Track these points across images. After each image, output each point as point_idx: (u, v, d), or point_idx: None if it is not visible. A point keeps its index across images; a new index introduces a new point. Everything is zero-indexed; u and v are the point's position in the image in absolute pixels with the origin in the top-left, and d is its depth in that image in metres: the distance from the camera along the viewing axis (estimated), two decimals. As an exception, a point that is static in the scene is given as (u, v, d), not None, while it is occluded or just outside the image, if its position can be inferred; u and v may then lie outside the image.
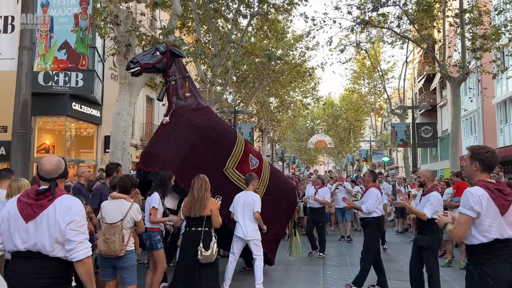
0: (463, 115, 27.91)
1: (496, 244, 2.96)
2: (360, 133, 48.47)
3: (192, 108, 6.75)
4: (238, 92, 25.43)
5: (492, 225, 2.97)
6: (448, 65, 15.78)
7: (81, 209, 2.80)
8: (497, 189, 3.04)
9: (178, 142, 6.30)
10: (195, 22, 15.28)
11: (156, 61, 6.54)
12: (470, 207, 2.98)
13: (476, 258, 3.05)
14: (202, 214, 4.92)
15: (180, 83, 6.77)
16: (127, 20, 9.44)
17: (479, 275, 2.98)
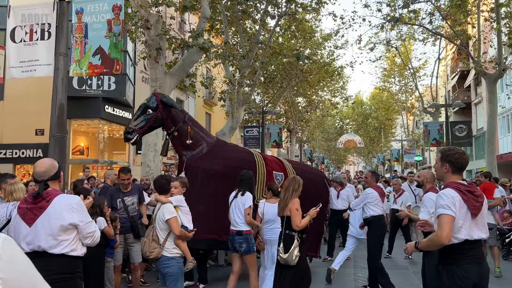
0: (500, 112, 26.93)
1: (466, 245, 3.02)
2: (391, 132, 47.53)
3: (204, 154, 6.46)
4: (266, 93, 25.44)
5: (463, 226, 3.01)
6: (483, 61, 15.25)
7: (80, 204, 2.95)
8: (468, 191, 3.07)
9: (203, 198, 6.15)
10: (223, 24, 15.40)
11: (151, 120, 6.18)
12: (448, 206, 2.99)
13: (445, 258, 3.11)
14: (283, 214, 4.76)
15: (182, 131, 6.38)
16: (157, 24, 9.63)
17: (447, 274, 3.05)
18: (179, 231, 4.38)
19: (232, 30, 17.27)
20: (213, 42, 15.95)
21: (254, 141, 20.68)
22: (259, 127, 20.63)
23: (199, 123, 7.17)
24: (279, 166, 7.24)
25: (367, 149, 48.53)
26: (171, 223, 4.37)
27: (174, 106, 6.42)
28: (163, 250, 4.38)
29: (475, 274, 3.02)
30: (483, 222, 3.16)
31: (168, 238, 4.39)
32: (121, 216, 5.65)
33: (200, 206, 5.92)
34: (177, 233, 4.36)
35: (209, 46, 9.88)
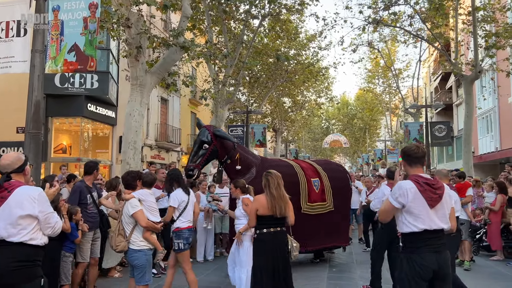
0: (479, 113, 27.50)
1: (425, 234, 3.21)
2: (376, 132, 48.13)
3: (254, 176, 6.90)
4: (251, 93, 25.59)
5: (419, 216, 3.21)
6: (460, 63, 15.61)
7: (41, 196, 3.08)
8: (426, 183, 3.26)
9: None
10: (206, 23, 15.49)
11: (206, 154, 6.66)
12: (395, 198, 3.27)
13: (407, 246, 3.30)
14: (285, 213, 4.52)
15: (233, 158, 6.87)
16: (138, 23, 9.68)
17: (407, 262, 3.24)
18: (145, 222, 4.48)
19: (217, 30, 17.38)
20: (197, 41, 16.09)
21: (238, 140, 20.67)
22: (243, 127, 20.76)
23: (245, 147, 7.82)
24: (314, 172, 7.77)
25: (353, 149, 49.05)
26: (136, 216, 4.48)
27: (226, 137, 6.93)
28: (130, 244, 4.49)
29: (433, 262, 3.18)
30: (444, 213, 3.31)
31: (134, 232, 4.50)
32: (92, 212, 5.69)
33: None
34: (144, 225, 4.47)
35: (190, 45, 9.95)
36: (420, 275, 3.19)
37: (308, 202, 7.32)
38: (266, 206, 4.43)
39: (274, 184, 4.49)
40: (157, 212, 4.82)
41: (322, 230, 7.52)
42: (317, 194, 7.48)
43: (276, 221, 4.49)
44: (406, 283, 3.22)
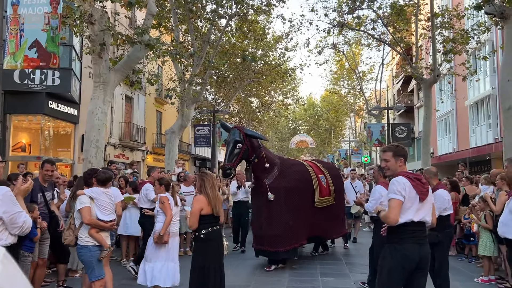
0: (438, 116, 28.63)
1: (411, 226, 3.34)
2: (341, 133, 49.09)
3: (279, 174, 7.32)
4: (218, 92, 25.58)
5: (410, 208, 3.35)
6: (420, 67, 16.22)
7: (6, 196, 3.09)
8: (416, 178, 3.46)
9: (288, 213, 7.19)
10: (173, 22, 15.40)
11: (240, 154, 6.94)
12: (398, 192, 3.35)
13: (391, 237, 3.43)
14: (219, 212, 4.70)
15: (260, 157, 7.19)
16: (101, 19, 9.53)
17: (391, 252, 3.37)
18: (88, 219, 4.51)
19: (183, 28, 17.29)
20: (164, 39, 15.96)
21: (204, 140, 20.75)
22: (210, 126, 20.73)
23: (265, 147, 7.97)
24: (319, 170, 8.33)
25: (318, 150, 49.80)
26: (81, 212, 4.55)
27: (256, 136, 7.31)
28: (77, 239, 4.56)
29: (416, 254, 3.31)
30: (429, 207, 3.50)
31: (81, 228, 4.55)
32: (42, 212, 5.51)
33: (290, 221, 7.11)
34: (86, 222, 4.52)
35: (154, 43, 9.88)
36: (403, 266, 3.30)
37: (320, 196, 7.87)
38: (208, 205, 4.51)
39: (210, 184, 4.59)
40: (109, 210, 4.81)
41: (327, 220, 8.13)
42: (325, 189, 8.06)
43: (216, 219, 4.62)
44: (386, 272, 3.35)
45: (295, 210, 7.23)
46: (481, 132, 22.44)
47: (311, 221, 7.68)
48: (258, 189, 7.32)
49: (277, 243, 6.99)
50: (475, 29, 14.77)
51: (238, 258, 8.60)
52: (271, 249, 7.02)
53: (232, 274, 6.71)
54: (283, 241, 7.02)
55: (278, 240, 6.99)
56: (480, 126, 22.67)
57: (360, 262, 8.09)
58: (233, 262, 8.12)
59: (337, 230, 8.68)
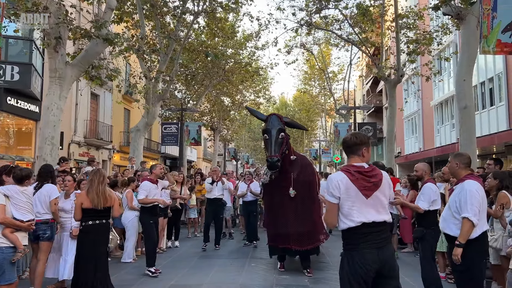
0: (406, 116, 29.22)
1: (363, 228, 2.91)
2: (313, 133, 49.51)
3: (301, 168, 6.90)
4: (188, 90, 25.30)
5: (352, 208, 2.92)
6: (385, 67, 16.46)
7: None
8: (358, 172, 2.99)
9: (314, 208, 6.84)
10: (139, 17, 15.08)
11: (284, 144, 6.41)
12: (330, 193, 2.99)
13: (346, 243, 3.01)
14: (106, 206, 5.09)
15: (289, 149, 6.74)
16: (57, 12, 9.22)
17: (347, 261, 2.94)
18: (1, 218, 4.30)
19: (151, 25, 16.98)
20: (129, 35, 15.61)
21: (172, 138, 20.47)
22: (177, 124, 20.45)
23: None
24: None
25: (291, 149, 50.01)
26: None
27: (295, 125, 7.09)
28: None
29: (375, 260, 2.88)
30: (381, 203, 3.00)
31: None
32: None
33: (316, 216, 6.77)
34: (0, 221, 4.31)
35: (113, 38, 9.64)
36: (361, 275, 2.87)
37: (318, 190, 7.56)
38: (87, 200, 4.95)
39: (99, 179, 5.04)
40: (27, 210, 4.65)
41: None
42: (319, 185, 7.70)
43: (98, 213, 5.00)
44: (347, 283, 2.92)
45: (317, 204, 6.83)
46: (445, 132, 23.02)
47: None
48: (280, 183, 6.75)
49: (304, 241, 6.62)
50: (437, 31, 15.08)
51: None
52: (298, 247, 6.62)
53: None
54: (310, 239, 6.67)
55: (305, 238, 6.62)
56: (444, 126, 23.25)
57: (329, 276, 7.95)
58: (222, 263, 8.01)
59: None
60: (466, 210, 3.91)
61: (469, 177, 4.11)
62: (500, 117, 17.57)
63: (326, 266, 7.60)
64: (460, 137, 9.30)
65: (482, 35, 6.07)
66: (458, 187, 4.14)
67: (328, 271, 7.20)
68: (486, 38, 6.03)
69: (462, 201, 3.98)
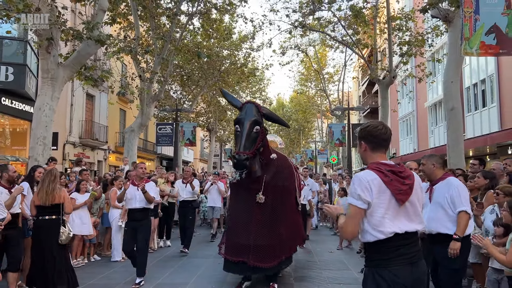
0: (400, 117, 29.38)
1: (395, 240, 2.41)
2: (310, 134, 49.63)
3: (276, 170, 5.82)
4: (183, 90, 25.38)
5: (385, 217, 2.42)
6: (377, 69, 16.58)
7: None
8: (392, 171, 2.47)
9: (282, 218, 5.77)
10: (133, 19, 15.17)
11: (259, 140, 5.16)
12: (357, 196, 2.42)
13: (372, 259, 2.50)
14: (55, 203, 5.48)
15: (265, 146, 5.63)
16: (50, 14, 9.29)
17: (374, 279, 2.44)
18: None
19: (146, 26, 17.07)
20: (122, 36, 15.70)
21: (167, 139, 20.56)
22: (172, 125, 20.53)
23: None
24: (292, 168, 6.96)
25: (288, 150, 50.15)
26: None
27: (279, 119, 5.82)
28: None
29: (408, 277, 2.41)
30: (415, 210, 2.52)
31: None
32: None
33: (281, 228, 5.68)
34: None
35: (105, 39, 9.72)
36: None
37: (298, 197, 6.63)
38: (37, 198, 5.38)
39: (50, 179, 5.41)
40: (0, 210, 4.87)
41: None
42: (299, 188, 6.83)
43: (46, 209, 5.35)
44: None
45: (288, 214, 5.86)
46: (439, 132, 23.15)
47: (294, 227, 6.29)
48: (249, 185, 5.58)
49: (266, 257, 5.46)
50: (429, 32, 15.21)
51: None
52: (259, 264, 5.39)
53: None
54: (273, 255, 5.53)
55: (268, 254, 5.47)
56: (438, 127, 23.38)
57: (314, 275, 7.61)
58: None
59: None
60: (461, 204, 3.94)
61: (450, 175, 4.19)
62: (492, 118, 17.71)
63: (313, 265, 7.69)
64: (447, 138, 9.41)
65: (464, 37, 6.18)
66: (441, 185, 4.19)
67: (314, 270, 7.29)
68: (468, 40, 6.12)
69: (455, 196, 4.00)
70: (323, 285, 6.27)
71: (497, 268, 4.28)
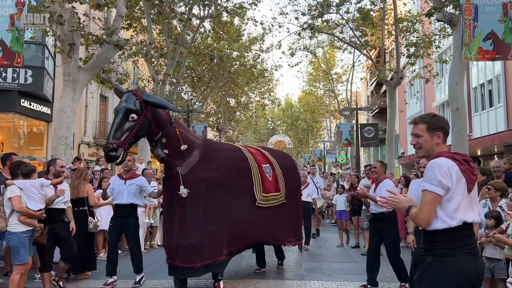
0: (409, 117, 29.55)
1: (462, 229, 2.40)
2: (319, 134, 49.96)
3: (199, 160, 5.27)
4: (194, 92, 25.89)
5: (460, 204, 2.41)
6: (385, 70, 16.90)
7: None
8: (465, 160, 2.49)
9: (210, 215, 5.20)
10: (146, 23, 15.67)
11: (135, 128, 4.72)
12: (438, 181, 2.38)
13: (436, 247, 2.44)
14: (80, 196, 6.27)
15: (171, 136, 5.02)
16: (71, 20, 9.80)
17: (439, 269, 2.40)
18: (18, 207, 4.98)
19: (158, 29, 17.58)
20: (138, 39, 16.21)
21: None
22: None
23: (182, 124, 5.98)
24: (263, 158, 6.47)
25: (296, 150, 50.51)
26: (12, 201, 5.01)
27: (162, 104, 4.93)
28: (7, 225, 5.01)
29: (473, 269, 2.38)
30: (476, 200, 2.62)
31: (12, 215, 5.01)
32: None
33: (211, 226, 5.13)
34: (17, 209, 4.98)
35: (123, 44, 10.20)
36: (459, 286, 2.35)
37: (263, 192, 6.01)
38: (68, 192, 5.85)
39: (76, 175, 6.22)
40: (38, 200, 5.25)
41: (276, 225, 6.29)
42: (270, 183, 6.22)
43: (75, 202, 5.95)
44: None
45: (222, 211, 5.33)
46: (447, 132, 23.33)
47: (250, 225, 5.76)
48: (169, 181, 5.22)
49: (192, 256, 5.01)
50: (436, 34, 15.50)
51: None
52: (184, 264, 5.02)
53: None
54: (201, 253, 5.03)
55: (193, 253, 5.01)
56: (446, 127, 23.56)
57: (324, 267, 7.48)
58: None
59: (290, 236, 6.75)
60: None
61: None
62: (498, 118, 17.93)
63: (323, 258, 8.09)
64: (452, 138, 9.74)
65: (464, 43, 6.55)
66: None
67: (324, 262, 7.70)
68: (467, 46, 6.50)
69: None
70: (332, 275, 6.66)
71: (490, 257, 4.66)
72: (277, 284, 6.16)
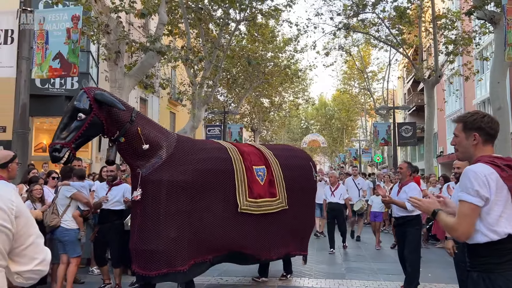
0: (448, 115, 28.89)
1: (507, 243, 2.20)
2: (354, 133, 49.46)
3: (164, 160, 4.88)
4: (229, 93, 26.35)
5: (502, 216, 2.20)
6: (422, 68, 16.68)
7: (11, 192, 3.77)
8: (508, 166, 2.26)
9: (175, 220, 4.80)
10: (185, 28, 16.19)
11: (82, 127, 4.45)
12: (475, 191, 2.19)
13: (481, 262, 2.27)
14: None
15: (131, 135, 4.70)
16: (117, 29, 10.35)
17: (486, 286, 2.22)
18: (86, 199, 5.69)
19: (195, 32, 18.10)
20: (176, 43, 16.79)
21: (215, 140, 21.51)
22: (220, 126, 21.49)
23: (152, 120, 5.57)
24: (259, 158, 5.85)
25: (331, 149, 50.22)
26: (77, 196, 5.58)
27: (113, 103, 4.56)
28: (61, 222, 5.47)
29: None
30: None
31: (66, 212, 5.53)
32: None
33: (172, 232, 4.74)
34: (85, 201, 5.66)
35: (165, 50, 10.67)
36: None
37: (250, 197, 5.44)
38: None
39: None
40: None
41: (272, 235, 5.66)
42: (262, 187, 5.61)
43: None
44: None
45: (188, 216, 4.89)
46: (488, 130, 22.67)
47: (226, 233, 5.21)
48: (134, 183, 4.91)
49: (148, 263, 4.70)
50: (476, 31, 15.17)
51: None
52: (140, 271, 4.74)
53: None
54: (157, 261, 4.70)
55: (150, 259, 4.70)
56: (487, 125, 22.89)
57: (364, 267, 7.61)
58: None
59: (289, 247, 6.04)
60: None
61: None
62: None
63: (362, 258, 8.21)
64: (494, 137, 9.59)
65: (507, 44, 6.49)
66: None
67: (362, 262, 7.82)
68: (511, 46, 6.45)
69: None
70: (373, 275, 6.79)
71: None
72: (319, 282, 6.35)
